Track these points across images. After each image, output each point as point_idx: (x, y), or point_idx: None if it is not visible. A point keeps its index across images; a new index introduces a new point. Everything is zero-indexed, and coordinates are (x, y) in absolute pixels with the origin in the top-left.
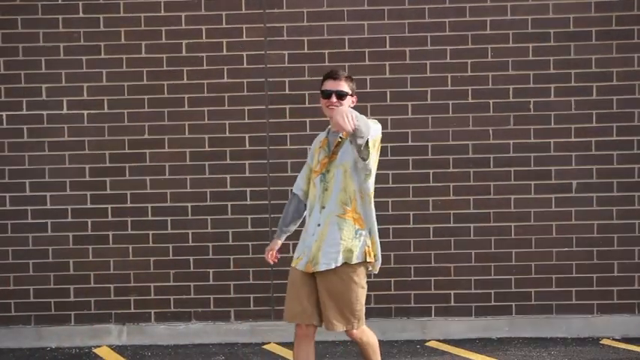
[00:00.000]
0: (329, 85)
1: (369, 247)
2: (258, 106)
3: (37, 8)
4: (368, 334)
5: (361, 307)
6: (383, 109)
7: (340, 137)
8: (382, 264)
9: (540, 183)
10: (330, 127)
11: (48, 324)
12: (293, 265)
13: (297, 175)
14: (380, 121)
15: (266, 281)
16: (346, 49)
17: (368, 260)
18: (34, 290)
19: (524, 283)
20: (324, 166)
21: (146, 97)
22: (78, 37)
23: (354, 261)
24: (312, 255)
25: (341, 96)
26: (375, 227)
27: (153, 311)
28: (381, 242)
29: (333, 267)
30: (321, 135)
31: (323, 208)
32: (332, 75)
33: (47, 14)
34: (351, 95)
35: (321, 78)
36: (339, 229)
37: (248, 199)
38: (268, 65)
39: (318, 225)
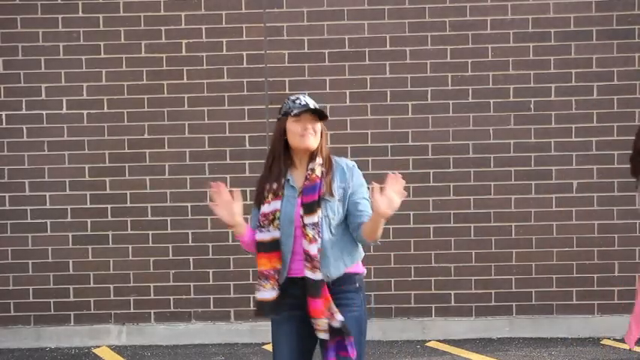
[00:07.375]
0: None
1: None
2: (258, 105)
3: (37, 8)
4: None
5: None
6: (383, 109)
7: None
8: (382, 264)
9: (541, 183)
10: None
11: (47, 324)
12: None
13: None
14: (380, 121)
15: None
16: (346, 49)
17: None
18: (33, 290)
19: (525, 283)
20: None
21: (146, 96)
22: (77, 37)
23: None
24: None
25: None
26: None
27: (152, 311)
28: (381, 242)
29: None
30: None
31: None
32: None
33: (47, 14)
34: None
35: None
36: None
37: (248, 199)
38: (268, 65)
39: None
